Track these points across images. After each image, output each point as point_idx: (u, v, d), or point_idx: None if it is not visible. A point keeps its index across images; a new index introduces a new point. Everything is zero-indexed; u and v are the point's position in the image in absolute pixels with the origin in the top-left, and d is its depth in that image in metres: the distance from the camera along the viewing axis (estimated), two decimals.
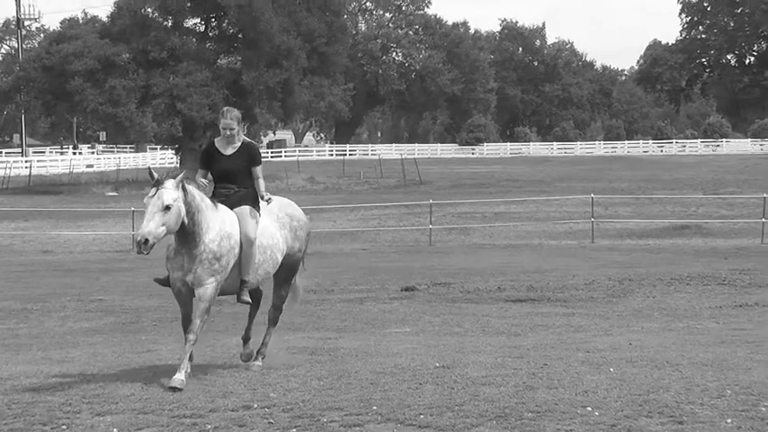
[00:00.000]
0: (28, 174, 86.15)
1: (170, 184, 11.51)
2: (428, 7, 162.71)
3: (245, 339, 13.26)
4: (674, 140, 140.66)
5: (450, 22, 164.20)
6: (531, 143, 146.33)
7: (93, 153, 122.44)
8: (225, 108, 12.79)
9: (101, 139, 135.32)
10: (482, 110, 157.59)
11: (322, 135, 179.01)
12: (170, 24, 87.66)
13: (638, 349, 14.32)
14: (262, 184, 12.70)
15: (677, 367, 12.55)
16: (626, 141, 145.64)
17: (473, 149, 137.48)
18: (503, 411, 10.13)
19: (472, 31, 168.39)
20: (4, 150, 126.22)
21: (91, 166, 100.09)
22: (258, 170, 12.75)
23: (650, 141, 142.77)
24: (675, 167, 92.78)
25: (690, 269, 27.98)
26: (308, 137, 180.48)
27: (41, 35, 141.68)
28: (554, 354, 13.88)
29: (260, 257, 12.50)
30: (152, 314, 21.18)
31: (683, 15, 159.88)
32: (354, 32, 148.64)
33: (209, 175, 12.77)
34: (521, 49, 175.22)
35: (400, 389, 11.27)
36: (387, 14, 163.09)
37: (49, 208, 57.90)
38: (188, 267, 11.87)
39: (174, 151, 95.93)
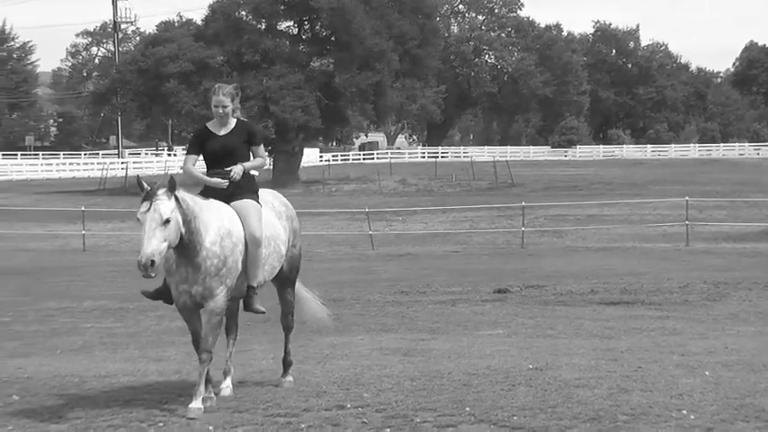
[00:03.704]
0: (124, 175, 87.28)
1: (163, 194, 10.38)
2: (520, 9, 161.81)
3: (224, 373, 11.67)
4: None
5: (542, 25, 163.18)
6: (624, 146, 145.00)
7: None
8: (216, 85, 11.43)
9: None
10: (575, 112, 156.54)
11: (414, 137, 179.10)
12: (263, 27, 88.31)
13: (735, 353, 14.15)
14: (258, 162, 11.39)
15: None
16: (721, 144, 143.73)
17: (565, 152, 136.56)
18: (596, 414, 10.09)
19: (565, 33, 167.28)
20: (100, 152, 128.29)
21: None
22: (260, 150, 11.47)
23: (746, 144, 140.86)
24: None
25: None
26: (400, 139, 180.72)
27: (137, 38, 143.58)
28: (648, 357, 13.77)
29: (265, 251, 11.22)
30: (246, 314, 21.32)
31: None
32: (447, 35, 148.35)
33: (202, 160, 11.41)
34: (614, 51, 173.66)
35: (493, 390, 11.27)
36: (479, 17, 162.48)
37: None
38: (193, 278, 10.71)
39: (266, 153, 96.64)
